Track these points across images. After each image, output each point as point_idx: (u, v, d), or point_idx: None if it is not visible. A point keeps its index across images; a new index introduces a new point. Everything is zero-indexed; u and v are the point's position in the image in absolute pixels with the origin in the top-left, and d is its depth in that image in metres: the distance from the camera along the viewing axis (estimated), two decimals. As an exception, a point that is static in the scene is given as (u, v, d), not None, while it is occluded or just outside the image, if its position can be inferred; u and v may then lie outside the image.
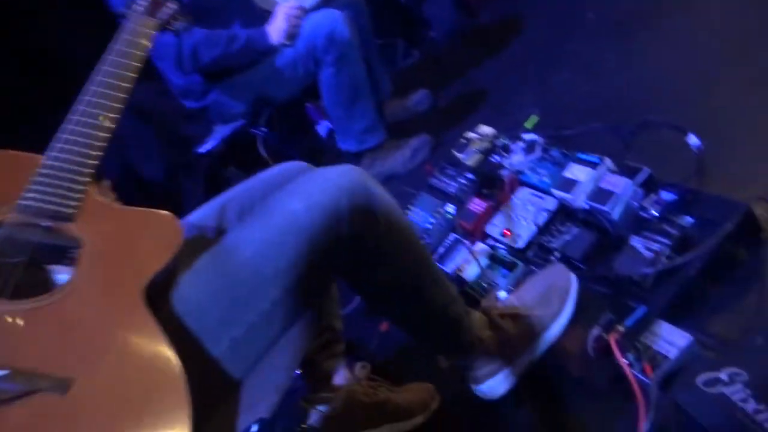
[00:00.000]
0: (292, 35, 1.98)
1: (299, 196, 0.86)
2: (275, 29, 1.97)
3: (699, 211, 1.16)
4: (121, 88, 0.91)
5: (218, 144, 2.22)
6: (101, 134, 0.85)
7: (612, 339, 1.03)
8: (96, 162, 0.82)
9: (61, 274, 0.76)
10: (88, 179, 0.80)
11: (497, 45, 2.71)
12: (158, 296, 0.78)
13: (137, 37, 1.00)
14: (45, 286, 0.73)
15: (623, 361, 1.01)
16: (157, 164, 2.18)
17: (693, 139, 1.41)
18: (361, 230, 0.87)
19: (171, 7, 1.10)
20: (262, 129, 2.24)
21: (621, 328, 1.08)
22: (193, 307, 0.78)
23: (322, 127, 2.91)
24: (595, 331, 1.10)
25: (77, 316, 0.69)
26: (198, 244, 0.95)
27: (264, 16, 2.04)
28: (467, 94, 2.56)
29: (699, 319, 1.08)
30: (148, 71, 2.29)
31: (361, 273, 0.95)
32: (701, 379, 0.92)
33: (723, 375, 0.91)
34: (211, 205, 1.10)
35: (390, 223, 0.91)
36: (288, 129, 2.86)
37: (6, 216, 0.75)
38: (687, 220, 1.16)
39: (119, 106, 0.89)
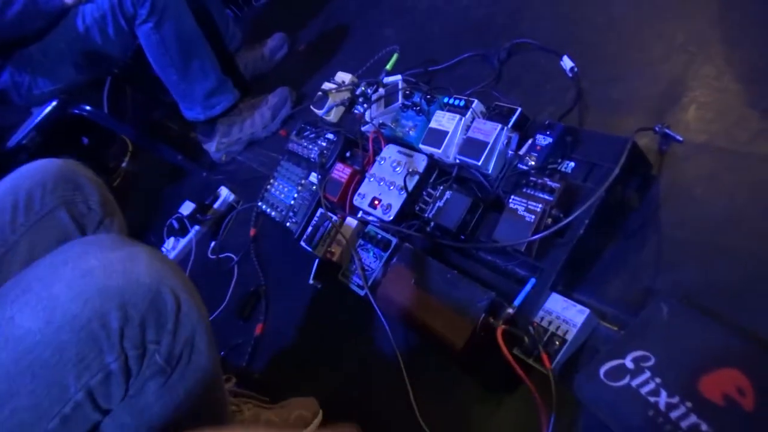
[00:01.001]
0: (87, -12, 1.58)
1: (36, 304, 0.56)
2: (64, -17, 1.56)
3: (580, 152, 0.99)
4: None
5: (29, 133, 1.81)
6: None
7: (499, 330, 0.86)
8: None
9: None
10: None
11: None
12: None
13: None
14: None
15: (509, 357, 0.84)
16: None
17: (567, 62, 1.23)
18: (143, 348, 0.61)
19: None
20: (84, 106, 1.85)
21: (510, 310, 0.91)
22: None
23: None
24: (482, 318, 0.92)
25: None
26: None
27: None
28: (328, 33, 2.26)
29: (596, 285, 0.93)
30: None
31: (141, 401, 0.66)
32: (605, 369, 0.77)
33: (628, 362, 0.76)
34: None
35: (181, 325, 0.65)
36: (139, 98, 2.46)
37: None
38: (568, 165, 0.99)
39: None
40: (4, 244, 0.87)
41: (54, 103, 1.79)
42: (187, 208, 1.83)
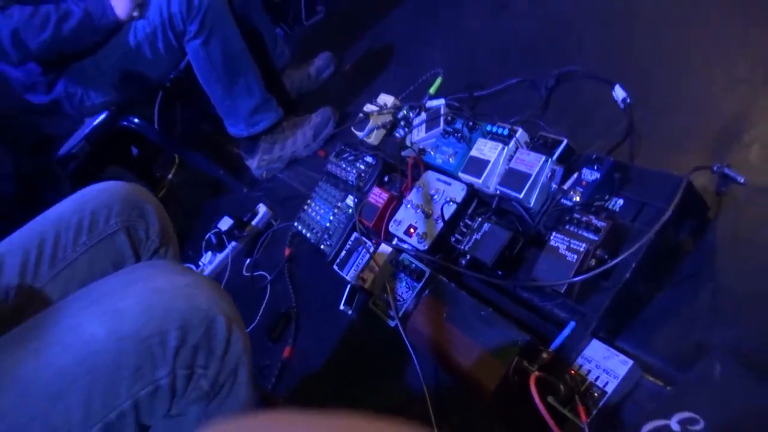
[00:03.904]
0: (140, 5, 1.62)
1: (104, 314, 0.61)
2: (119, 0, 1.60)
3: (630, 190, 0.93)
4: None
5: (79, 143, 1.86)
6: None
7: (532, 377, 0.80)
8: None
9: None
10: None
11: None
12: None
13: None
14: None
15: (541, 407, 0.78)
16: (6, 174, 1.80)
17: (620, 92, 1.18)
18: (191, 370, 0.65)
19: None
20: (133, 119, 1.89)
21: (546, 355, 0.86)
22: None
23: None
24: (516, 361, 0.87)
25: None
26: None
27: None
28: (375, 53, 2.25)
29: (642, 335, 0.86)
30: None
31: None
32: (647, 429, 0.70)
33: (674, 423, 0.69)
34: None
35: (229, 355, 0.69)
36: (189, 112, 2.51)
37: None
38: (616, 203, 0.93)
39: None
40: (65, 260, 0.88)
41: (104, 115, 1.83)
42: (225, 223, 1.84)
